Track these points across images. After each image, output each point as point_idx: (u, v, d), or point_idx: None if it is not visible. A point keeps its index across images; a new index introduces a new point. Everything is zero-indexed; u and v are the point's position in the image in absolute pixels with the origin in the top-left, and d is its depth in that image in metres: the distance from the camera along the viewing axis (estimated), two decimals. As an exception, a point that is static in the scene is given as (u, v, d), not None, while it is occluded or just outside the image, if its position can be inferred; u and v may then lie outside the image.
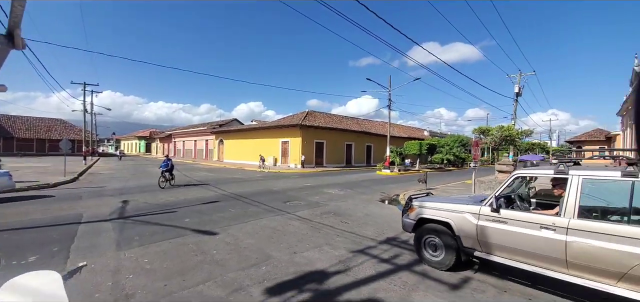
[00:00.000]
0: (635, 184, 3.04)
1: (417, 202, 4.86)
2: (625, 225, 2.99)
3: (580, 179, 3.34)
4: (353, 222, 7.35)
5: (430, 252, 4.55)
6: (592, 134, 49.97)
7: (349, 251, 5.25)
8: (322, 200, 10.59)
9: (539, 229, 3.46)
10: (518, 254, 3.68)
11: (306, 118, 29.85)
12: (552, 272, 3.42)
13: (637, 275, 2.85)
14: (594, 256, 3.08)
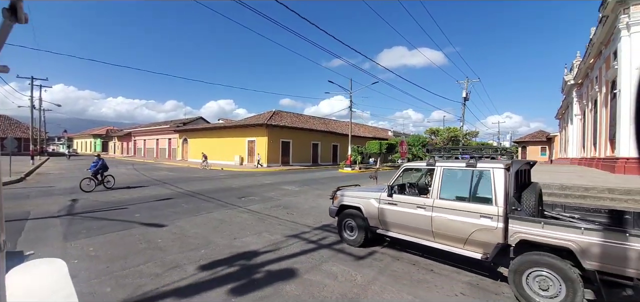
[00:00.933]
0: (474, 171, 4.13)
1: (340, 193, 5.78)
2: (466, 202, 4.07)
3: (442, 168, 4.41)
4: (297, 214, 8.15)
5: (348, 233, 5.48)
6: (535, 135, 55.52)
7: (284, 235, 6.03)
8: (277, 196, 11.29)
9: (416, 208, 4.49)
10: (404, 229, 4.70)
11: (273, 118, 30.28)
12: (425, 241, 4.46)
13: (475, 239, 3.93)
14: (448, 226, 4.14)
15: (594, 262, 3.04)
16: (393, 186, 4.93)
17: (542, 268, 3.29)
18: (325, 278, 4.05)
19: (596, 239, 3.05)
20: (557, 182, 8.66)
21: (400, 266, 4.57)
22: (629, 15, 11.65)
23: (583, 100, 23.36)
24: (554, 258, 3.24)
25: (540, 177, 10.37)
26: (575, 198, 7.54)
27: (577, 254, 3.10)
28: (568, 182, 8.39)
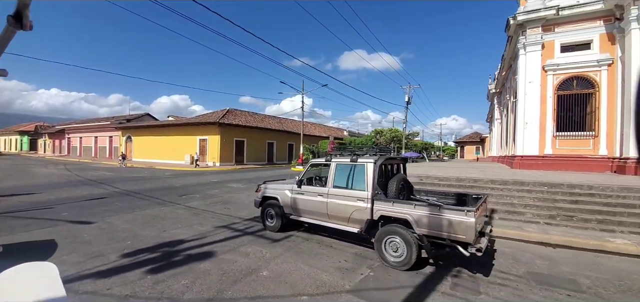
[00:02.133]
0: (356, 165, 5.12)
1: (263, 186, 6.52)
2: (349, 189, 5.08)
3: (335, 164, 5.39)
4: (234, 208, 8.70)
5: (268, 220, 6.26)
6: (472, 136, 62.02)
7: (214, 227, 6.57)
8: (220, 193, 11.64)
9: (317, 196, 5.43)
10: (309, 213, 5.63)
11: (226, 116, 29.90)
12: (324, 223, 5.41)
13: (354, 217, 4.94)
14: (337, 208, 5.13)
15: (422, 229, 4.20)
16: (302, 178, 5.82)
17: (393, 235, 4.40)
18: (238, 256, 4.75)
19: (423, 212, 4.22)
20: (456, 175, 10.41)
21: (308, 244, 5.45)
22: (525, 37, 14.18)
23: (501, 107, 27.11)
24: (399, 227, 4.37)
25: (453, 172, 12.22)
26: (465, 187, 9.22)
27: (411, 223, 4.25)
28: (464, 175, 10.15)
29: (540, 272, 4.42)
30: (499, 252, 5.36)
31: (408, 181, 5.59)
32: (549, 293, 3.75)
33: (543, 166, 13.35)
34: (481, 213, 4.51)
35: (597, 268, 4.65)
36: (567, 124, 13.35)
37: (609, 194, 7.56)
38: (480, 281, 4.04)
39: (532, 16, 13.30)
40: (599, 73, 12.71)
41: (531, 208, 7.61)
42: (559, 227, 6.74)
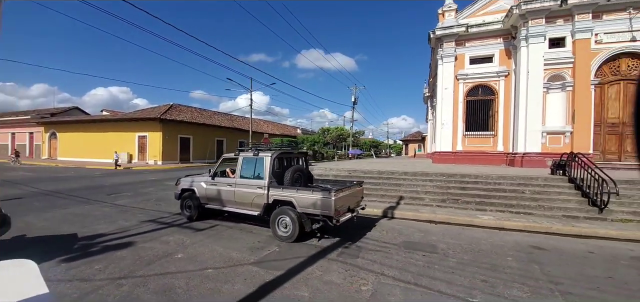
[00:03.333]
0: (258, 159, 5.91)
1: (182, 179, 7.00)
2: (252, 179, 5.86)
3: (242, 157, 6.11)
4: (166, 205, 8.82)
5: (186, 211, 6.85)
6: (415, 135, 67.38)
7: (140, 221, 6.75)
8: (155, 191, 11.49)
9: (227, 185, 6.15)
10: (221, 202, 6.33)
11: (169, 111, 28.49)
12: (233, 209, 6.12)
13: (255, 202, 5.78)
14: (243, 196, 5.91)
15: (303, 208, 5.19)
16: (216, 171, 6.48)
17: (283, 215, 5.35)
18: (157, 244, 5.14)
19: (302, 195, 5.23)
20: (379, 168, 11.87)
21: (230, 232, 6.03)
22: (443, 50, 16.37)
23: (431, 109, 30.41)
24: (287, 207, 5.33)
25: (380, 167, 13.68)
26: (382, 178, 10.64)
27: (294, 204, 5.24)
28: (385, 168, 11.62)
29: (412, 241, 5.64)
30: (390, 228, 6.57)
31: (304, 170, 6.55)
32: (409, 254, 4.90)
33: (455, 160, 15.64)
34: (347, 195, 5.63)
35: (458, 237, 6.04)
36: (474, 125, 15.81)
37: (489, 181, 9.44)
38: (363, 249, 5.06)
39: (447, 31, 15.45)
40: (498, 82, 15.31)
41: (430, 194, 9.17)
42: (446, 208, 8.31)
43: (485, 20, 15.19)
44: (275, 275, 3.94)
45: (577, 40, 12.60)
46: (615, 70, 12.61)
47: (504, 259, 4.75)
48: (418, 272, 4.19)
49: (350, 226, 6.38)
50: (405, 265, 4.42)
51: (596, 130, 12.76)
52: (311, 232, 5.47)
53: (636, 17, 11.93)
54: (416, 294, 3.52)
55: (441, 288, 3.69)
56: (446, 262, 4.59)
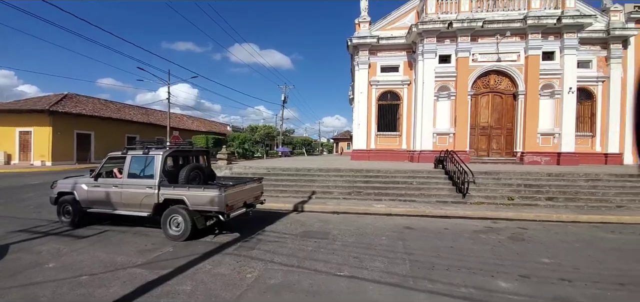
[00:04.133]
0: (148, 157, 5.76)
1: (59, 181, 6.33)
2: (142, 178, 5.71)
3: (131, 156, 5.88)
4: (47, 211, 7.59)
5: (65, 217, 6.25)
6: (344, 134, 71.37)
7: (7, 232, 5.75)
8: (36, 196, 9.77)
9: (113, 187, 5.83)
10: (106, 205, 5.93)
11: (62, 102, 24.03)
12: (120, 212, 5.82)
13: (145, 203, 5.59)
14: (131, 196, 5.69)
15: (194, 205, 5.27)
16: (100, 171, 6.04)
17: (175, 214, 5.35)
18: (26, 255, 4.53)
19: (194, 193, 5.31)
20: (296, 166, 12.53)
21: (121, 236, 5.64)
22: (359, 57, 17.96)
23: (357, 109, 32.94)
24: (178, 206, 5.35)
25: (300, 164, 14.30)
26: (299, 175, 11.29)
27: (186, 202, 5.28)
28: (303, 166, 12.37)
29: (311, 231, 6.23)
30: (296, 220, 7.09)
31: (204, 169, 6.47)
32: (303, 242, 5.45)
33: (369, 157, 17.39)
34: (241, 191, 5.85)
35: (352, 224, 6.89)
36: (384, 125, 17.83)
37: (387, 175, 10.88)
38: (261, 242, 5.39)
39: (361, 41, 17.01)
40: (402, 90, 17.56)
41: (339, 188, 10.11)
42: (350, 200, 9.31)
43: (393, 35, 17.23)
44: (161, 274, 3.95)
45: (459, 58, 15.39)
46: (486, 84, 15.84)
47: (380, 239, 5.69)
48: (305, 256, 4.72)
49: (255, 220, 6.66)
50: (295, 252, 4.92)
51: (472, 132, 15.84)
52: (210, 229, 5.55)
53: (501, 42, 15.17)
54: (294, 275, 4.00)
55: (318, 267, 4.27)
56: (332, 245, 5.27)
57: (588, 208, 8.42)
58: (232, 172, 11.63)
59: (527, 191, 9.46)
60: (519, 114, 15.17)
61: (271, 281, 3.81)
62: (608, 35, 15.45)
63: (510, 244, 5.56)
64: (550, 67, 14.69)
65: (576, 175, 10.26)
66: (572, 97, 14.56)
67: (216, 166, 12.83)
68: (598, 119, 15.92)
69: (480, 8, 15.24)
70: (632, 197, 8.97)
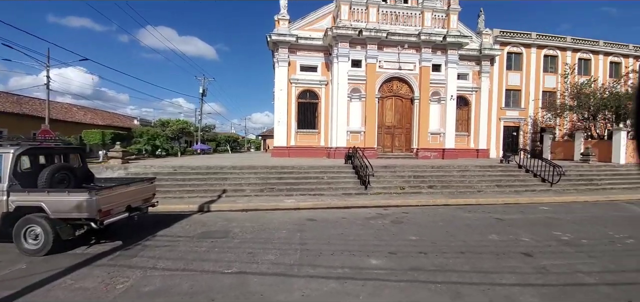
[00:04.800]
0: None
1: None
2: None
3: None
4: None
5: None
6: (270, 131, 70.61)
7: None
8: None
9: None
10: None
11: None
12: None
13: None
14: None
15: (57, 213, 4.50)
16: None
17: (32, 224, 4.49)
18: None
19: (56, 198, 4.53)
20: (207, 164, 11.95)
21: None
22: (278, 54, 18.01)
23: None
24: (36, 215, 4.50)
25: (215, 162, 13.58)
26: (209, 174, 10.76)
27: (46, 210, 4.47)
28: (215, 164, 11.88)
29: (211, 230, 6.01)
30: (198, 221, 6.74)
31: (75, 169, 5.60)
32: (198, 243, 5.22)
33: (289, 154, 17.68)
34: (123, 193, 5.25)
35: (258, 220, 6.91)
36: (304, 123, 18.38)
37: (301, 171, 11.27)
38: (147, 248, 4.95)
39: (281, 38, 17.11)
40: (321, 89, 18.39)
41: (252, 185, 10.01)
42: (262, 197, 9.32)
43: (311, 36, 17.86)
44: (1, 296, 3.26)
45: (368, 64, 16.93)
46: (390, 89, 17.85)
47: (280, 233, 5.88)
48: (195, 258, 4.54)
49: (147, 224, 6.08)
50: (185, 254, 4.68)
51: (379, 131, 17.68)
52: (82, 238, 4.81)
53: (402, 53, 17.24)
54: (175, 279, 3.81)
55: (206, 267, 4.17)
56: (229, 243, 5.20)
57: (457, 193, 10.37)
58: (127, 172, 10.26)
59: (415, 181, 11.10)
60: (415, 116, 17.64)
61: (146, 288, 3.54)
62: (480, 54, 19.26)
63: (391, 226, 6.46)
64: (438, 77, 17.51)
65: (451, 167, 12.52)
66: (453, 103, 17.69)
67: (108, 166, 11.15)
68: (472, 121, 19.72)
69: (385, 20, 17.07)
70: (488, 183, 11.42)
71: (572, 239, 5.72)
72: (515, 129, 21.59)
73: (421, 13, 17.08)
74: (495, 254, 4.82)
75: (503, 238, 5.72)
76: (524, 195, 10.36)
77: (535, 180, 11.80)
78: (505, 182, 11.49)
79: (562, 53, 21.82)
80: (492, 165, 13.47)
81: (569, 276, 4.03)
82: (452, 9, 17.12)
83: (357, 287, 3.59)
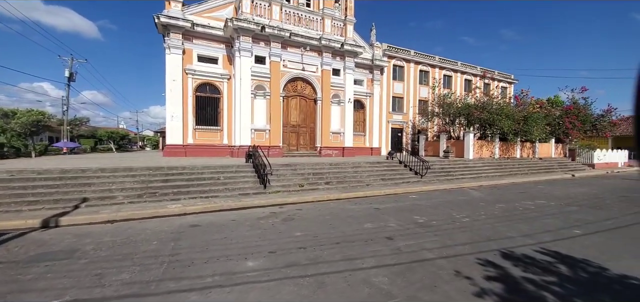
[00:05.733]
0: None
1: None
2: None
3: None
4: None
5: None
6: (172, 127, 62.61)
7: None
8: None
9: None
10: None
11: None
12: None
13: None
14: None
15: None
16: None
17: None
18: None
19: None
20: (62, 167, 9.68)
21: None
22: (170, 39, 15.90)
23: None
24: None
25: (79, 164, 11.01)
26: (68, 178, 8.68)
27: None
28: (79, 166, 9.69)
29: (51, 251, 4.73)
30: (36, 240, 5.24)
31: None
32: (25, 268, 4.01)
33: (186, 153, 15.95)
34: None
35: (123, 233, 5.83)
36: (204, 119, 16.90)
37: (193, 171, 10.21)
38: None
39: (172, 22, 15.21)
40: (222, 84, 17.24)
41: (126, 191, 8.48)
42: (138, 203, 7.99)
43: (211, 24, 16.53)
44: None
45: (272, 62, 16.81)
46: (295, 88, 18.20)
47: (149, 245, 5.10)
48: (12, 289, 3.45)
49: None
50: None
51: (284, 129, 17.82)
52: None
53: (305, 55, 17.75)
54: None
55: (24, 299, 3.21)
56: (71, 266, 4.18)
57: (350, 188, 11.32)
58: None
59: (314, 178, 11.60)
60: (318, 116, 18.53)
61: None
62: (373, 64, 21.66)
63: (280, 225, 6.48)
64: (337, 81, 18.85)
65: (347, 164, 13.65)
66: (351, 105, 19.38)
67: None
68: (367, 123, 22.06)
69: (289, 20, 17.29)
70: (375, 177, 12.89)
71: (426, 221, 6.93)
72: (399, 130, 25.26)
73: (322, 18, 18.02)
74: (364, 241, 5.37)
75: (375, 226, 6.47)
76: (401, 186, 12.14)
77: (411, 173, 14.02)
78: (388, 176, 13.22)
79: (432, 69, 26.77)
80: (380, 161, 15.33)
81: (416, 254, 4.80)
82: (349, 20, 18.71)
83: (222, 296, 3.37)
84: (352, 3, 18.93)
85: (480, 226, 6.66)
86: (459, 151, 19.73)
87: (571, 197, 10.94)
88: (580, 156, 24.08)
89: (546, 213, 8.15)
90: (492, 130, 19.80)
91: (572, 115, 23.09)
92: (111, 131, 44.67)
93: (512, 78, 32.04)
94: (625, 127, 28.32)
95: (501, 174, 16.73)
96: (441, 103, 21.90)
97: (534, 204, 9.41)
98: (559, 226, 6.83)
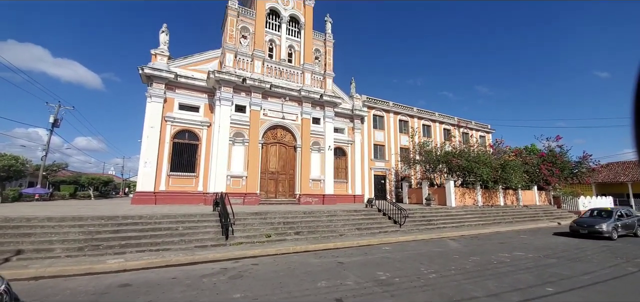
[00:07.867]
0: None
1: None
2: None
3: None
4: None
5: None
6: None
7: None
8: None
9: None
10: None
11: None
12: None
13: None
14: None
15: None
16: None
17: None
18: None
19: None
20: (5, 215, 9.05)
21: None
22: (152, 88, 16.20)
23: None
24: None
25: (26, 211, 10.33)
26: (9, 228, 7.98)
27: None
28: (18, 215, 9.07)
29: None
30: None
31: None
32: None
33: (156, 200, 15.27)
34: None
35: (41, 292, 5.15)
36: (180, 165, 16.53)
37: (150, 221, 9.59)
38: None
39: (157, 73, 15.61)
40: (202, 131, 17.22)
41: (68, 243, 7.78)
42: (76, 257, 7.23)
43: (194, 76, 17.02)
44: None
45: (252, 110, 17.06)
46: (274, 136, 18.25)
47: (56, 309, 4.44)
48: None
49: None
50: None
51: (262, 176, 17.47)
52: None
53: (285, 104, 18.13)
54: None
55: None
56: (-60, 339, 3.51)
57: (321, 238, 10.69)
58: None
59: (283, 227, 10.99)
60: (298, 163, 18.35)
61: None
62: (353, 113, 22.17)
63: (223, 284, 5.84)
64: (317, 130, 19.06)
65: (322, 212, 13.11)
66: (331, 153, 19.37)
67: None
68: (349, 169, 21.90)
69: (270, 74, 17.97)
70: (350, 227, 12.29)
71: (388, 278, 6.36)
72: (383, 177, 25.09)
73: (302, 72, 18.80)
74: (307, 304, 4.78)
75: (329, 284, 5.87)
76: (378, 236, 11.53)
77: (389, 222, 13.47)
78: (364, 225, 12.65)
79: (411, 119, 27.54)
80: (358, 209, 14.83)
81: (359, 319, 4.23)
82: (328, 74, 19.57)
83: None
84: (331, 60, 19.97)
85: (445, 283, 6.11)
86: (441, 198, 19.40)
87: (552, 247, 10.47)
88: (565, 203, 23.91)
89: (521, 267, 7.64)
90: (472, 178, 19.72)
91: (547, 163, 23.38)
92: (93, 177, 43.45)
93: (489, 128, 33.05)
94: (606, 174, 28.68)
95: (485, 223, 16.25)
96: (421, 151, 22.09)
97: (511, 256, 8.90)
98: (531, 282, 6.33)
